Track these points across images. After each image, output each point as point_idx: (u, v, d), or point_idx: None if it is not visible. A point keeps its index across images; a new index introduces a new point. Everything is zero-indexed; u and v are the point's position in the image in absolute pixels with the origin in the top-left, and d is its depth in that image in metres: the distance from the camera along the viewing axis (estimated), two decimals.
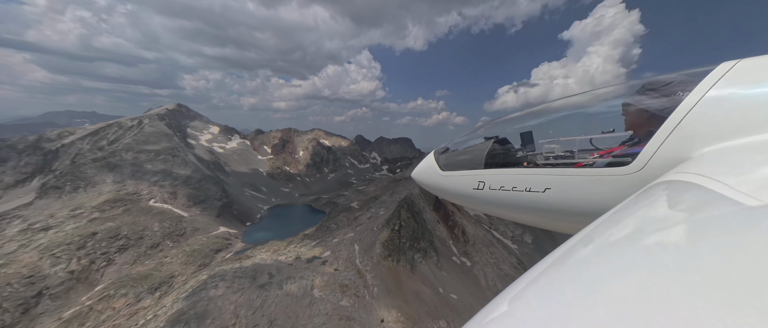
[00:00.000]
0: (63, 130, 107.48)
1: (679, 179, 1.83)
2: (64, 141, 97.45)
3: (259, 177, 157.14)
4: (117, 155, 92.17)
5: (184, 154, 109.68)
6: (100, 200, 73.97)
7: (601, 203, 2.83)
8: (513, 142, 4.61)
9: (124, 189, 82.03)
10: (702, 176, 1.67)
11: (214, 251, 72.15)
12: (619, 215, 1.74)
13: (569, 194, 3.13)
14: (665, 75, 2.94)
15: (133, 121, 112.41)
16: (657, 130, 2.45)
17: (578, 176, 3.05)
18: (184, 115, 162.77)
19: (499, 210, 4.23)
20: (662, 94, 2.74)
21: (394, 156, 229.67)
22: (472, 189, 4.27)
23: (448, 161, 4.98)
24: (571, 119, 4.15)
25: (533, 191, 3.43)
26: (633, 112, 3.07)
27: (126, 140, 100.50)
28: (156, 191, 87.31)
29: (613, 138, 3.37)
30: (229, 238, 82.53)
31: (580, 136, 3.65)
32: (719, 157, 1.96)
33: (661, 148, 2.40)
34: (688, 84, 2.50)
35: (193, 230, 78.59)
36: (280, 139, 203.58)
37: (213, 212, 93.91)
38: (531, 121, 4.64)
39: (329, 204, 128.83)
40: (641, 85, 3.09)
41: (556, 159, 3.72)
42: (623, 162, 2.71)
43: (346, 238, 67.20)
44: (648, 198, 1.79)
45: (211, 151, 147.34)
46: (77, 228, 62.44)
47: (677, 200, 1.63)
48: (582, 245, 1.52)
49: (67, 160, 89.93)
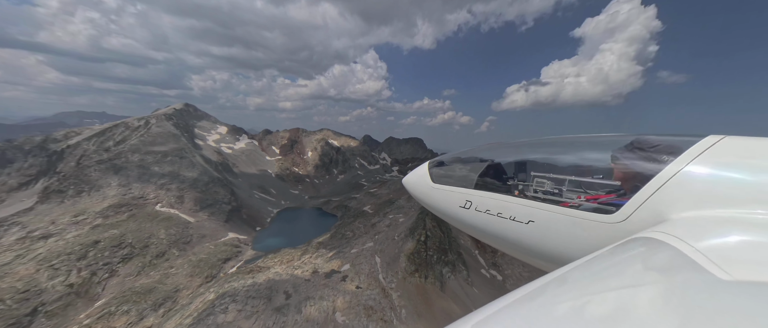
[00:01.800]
0: (70, 131, 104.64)
1: (658, 239, 1.92)
2: (70, 142, 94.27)
3: (267, 179, 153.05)
4: (123, 157, 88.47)
5: (191, 156, 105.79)
6: (105, 204, 69.97)
7: (580, 246, 2.91)
8: (506, 170, 4.64)
9: (129, 193, 78.07)
10: (680, 240, 1.78)
11: (223, 261, 67.43)
12: (597, 263, 1.84)
13: (551, 231, 3.22)
14: (653, 136, 3.14)
15: (139, 121, 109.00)
16: (642, 186, 2.59)
17: (563, 214, 3.11)
18: (191, 114, 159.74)
19: (482, 234, 4.29)
20: (649, 155, 2.88)
21: (405, 157, 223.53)
22: (458, 207, 4.35)
23: (440, 174, 5.05)
24: (564, 158, 4.26)
25: (517, 220, 3.50)
26: (621, 165, 3.18)
27: (132, 141, 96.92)
28: (162, 194, 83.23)
29: (601, 184, 3.48)
30: (239, 245, 77.87)
31: (570, 176, 3.70)
32: (699, 224, 2.07)
33: (644, 205, 2.52)
34: (674, 150, 2.68)
35: (200, 237, 74.10)
36: (288, 140, 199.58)
37: (221, 217, 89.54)
38: (527, 151, 4.93)
39: (340, 207, 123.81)
40: (631, 141, 3.24)
41: (544, 194, 3.74)
42: (607, 210, 2.81)
43: (365, 248, 61.69)
44: (626, 252, 1.92)
45: (219, 151, 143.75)
46: (79, 236, 58.29)
47: (654, 260, 1.74)
48: (556, 284, 1.61)
49: (72, 161, 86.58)
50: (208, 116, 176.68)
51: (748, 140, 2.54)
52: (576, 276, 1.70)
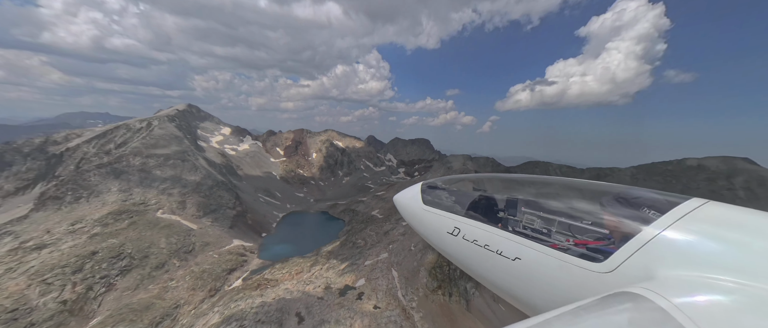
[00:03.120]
0: (70, 132, 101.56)
1: (646, 296, 1.93)
2: (70, 144, 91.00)
3: (272, 181, 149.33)
4: (124, 160, 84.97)
5: (194, 159, 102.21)
6: (104, 211, 66.31)
7: (565, 291, 2.89)
8: (499, 202, 4.60)
9: (130, 198, 74.43)
10: (666, 300, 1.81)
11: (227, 271, 63.45)
12: (584, 314, 1.83)
13: (537, 271, 3.18)
14: (636, 189, 3.32)
15: (141, 122, 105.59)
16: (630, 239, 2.68)
17: (551, 256, 3.10)
18: (194, 116, 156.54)
19: (466, 264, 4.24)
20: (632, 208, 3.03)
21: (411, 158, 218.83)
22: (446, 232, 4.36)
23: (432, 197, 5.04)
24: (556, 199, 4.17)
25: (504, 255, 3.48)
26: (610, 214, 3.26)
27: (134, 144, 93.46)
28: (164, 200, 79.53)
29: (590, 230, 3.46)
30: (244, 253, 73.93)
31: (561, 217, 3.69)
32: (684, 285, 2.12)
33: (632, 258, 2.58)
34: (656, 206, 2.83)
35: (203, 246, 70.22)
36: (292, 141, 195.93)
37: (225, 223, 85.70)
38: (520, 186, 4.94)
39: (347, 212, 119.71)
40: (619, 192, 3.38)
41: (533, 231, 3.73)
42: (595, 258, 2.83)
43: (380, 260, 57.38)
44: (613, 306, 1.92)
45: (222, 153, 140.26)
46: (75, 247, 54.57)
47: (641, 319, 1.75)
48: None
49: (72, 165, 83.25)
50: (211, 117, 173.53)
51: (729, 209, 2.68)
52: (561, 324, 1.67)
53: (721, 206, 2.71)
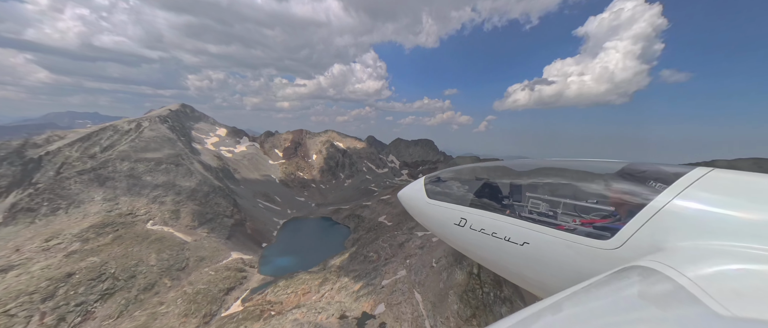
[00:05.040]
0: (52, 134, 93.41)
1: (655, 268, 1.92)
2: (50, 147, 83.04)
3: (272, 185, 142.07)
4: (110, 165, 77.36)
5: (189, 163, 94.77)
6: (84, 224, 58.92)
7: (575, 271, 2.88)
8: (502, 189, 4.59)
9: (116, 209, 67.01)
10: (676, 271, 1.79)
11: (225, 291, 56.53)
12: (594, 291, 1.82)
13: (546, 254, 3.19)
14: (641, 163, 3.23)
15: (130, 124, 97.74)
16: (637, 213, 2.63)
17: (558, 238, 3.09)
18: (188, 116, 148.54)
19: (476, 253, 4.32)
20: (642, 183, 2.93)
21: (414, 159, 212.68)
22: (453, 224, 4.36)
23: (436, 191, 5.05)
24: (559, 181, 4.17)
25: (512, 241, 3.46)
26: (615, 191, 3.21)
27: (122, 147, 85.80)
28: (155, 209, 72.16)
29: (596, 209, 3.41)
30: (244, 267, 66.97)
31: (565, 199, 3.67)
32: (695, 255, 2.07)
33: (639, 232, 2.55)
34: (665, 179, 2.76)
35: (197, 261, 63.16)
36: (291, 142, 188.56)
37: (223, 233, 78.58)
38: (523, 172, 4.80)
39: (352, 217, 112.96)
40: (622, 168, 3.31)
41: (539, 215, 3.71)
42: (603, 235, 2.82)
43: (399, 278, 50.90)
44: (623, 280, 1.91)
45: (218, 156, 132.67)
46: (48, 268, 47.25)
47: (651, 291, 1.72)
48: (551, 312, 1.60)
49: (51, 171, 75.40)
50: (206, 117, 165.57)
51: (734, 174, 2.63)
52: (571, 305, 1.67)
53: (726, 172, 2.64)
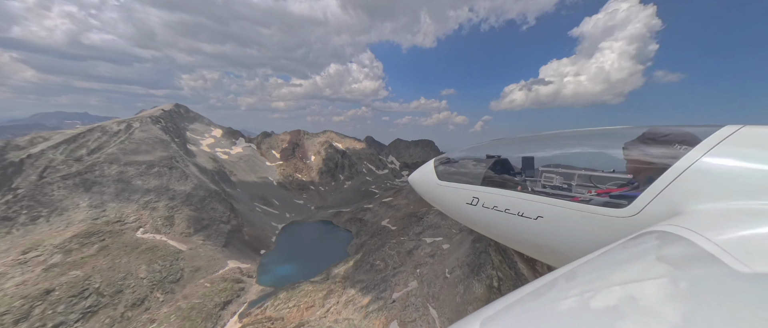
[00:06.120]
0: (36, 135, 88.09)
1: (673, 232, 1.85)
2: (34, 149, 77.87)
3: (269, 188, 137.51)
4: (97, 169, 72.61)
5: (183, 165, 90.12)
6: (67, 234, 54.32)
7: (591, 241, 2.82)
8: (514, 165, 4.53)
9: (103, 216, 62.39)
10: (695, 233, 1.71)
11: (221, 305, 52.39)
12: (608, 257, 1.77)
13: (561, 227, 3.14)
14: (664, 126, 3.05)
15: (120, 124, 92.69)
16: (656, 179, 2.49)
17: (572, 209, 3.02)
18: (182, 116, 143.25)
19: (490, 230, 4.25)
20: (664, 146, 2.80)
21: (415, 160, 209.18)
22: (465, 204, 4.27)
23: (446, 172, 4.99)
24: (573, 151, 4.16)
25: (526, 216, 3.42)
26: (634, 157, 3.08)
27: (110, 149, 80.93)
28: (146, 216, 67.63)
29: (612, 178, 3.35)
30: (241, 278, 62.83)
31: (580, 170, 3.61)
32: (715, 216, 1.98)
33: (658, 197, 2.43)
34: (689, 140, 2.60)
35: (192, 272, 58.89)
36: (289, 143, 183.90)
37: (219, 240, 74.24)
38: (535, 146, 4.71)
39: (354, 221, 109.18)
40: (643, 132, 3.13)
41: (553, 189, 3.66)
42: (619, 204, 2.71)
43: (410, 291, 47.30)
44: (638, 245, 1.83)
45: (214, 158, 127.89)
46: (23, 285, 42.75)
47: (668, 253, 1.66)
48: (565, 279, 1.55)
49: (33, 175, 70.38)
50: (201, 118, 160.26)
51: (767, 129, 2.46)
52: (586, 271, 1.62)
53: (759, 127, 2.45)
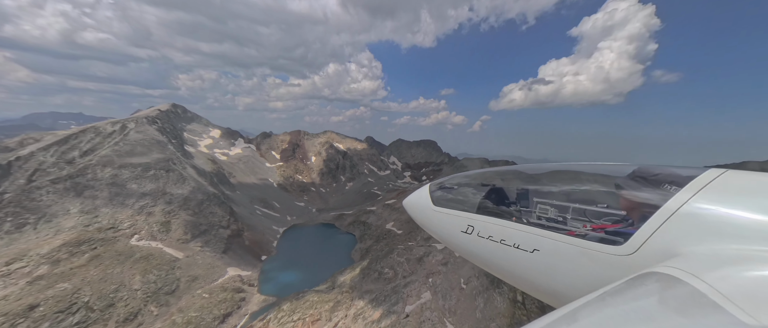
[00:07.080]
0: (26, 137, 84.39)
1: (674, 275, 1.83)
2: (23, 151, 74.19)
3: (269, 190, 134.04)
4: (89, 172, 69.04)
5: (181, 168, 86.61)
6: (56, 243, 50.81)
7: (588, 278, 2.81)
8: (510, 195, 4.52)
9: (95, 223, 58.90)
10: (696, 278, 1.71)
11: (220, 318, 49.09)
12: (610, 300, 1.74)
13: (557, 261, 3.10)
14: (652, 165, 3.16)
15: (114, 125, 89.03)
16: (650, 217, 2.54)
17: (569, 244, 3.01)
18: (180, 116, 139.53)
19: (484, 261, 4.14)
20: (654, 185, 2.85)
21: (417, 161, 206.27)
22: (460, 231, 4.25)
23: (441, 197, 4.94)
24: (568, 186, 4.11)
25: (521, 248, 3.39)
26: (627, 194, 3.12)
27: (103, 151, 77.33)
28: (142, 221, 64.16)
29: (606, 213, 3.41)
30: (242, 287, 59.52)
31: (575, 203, 3.61)
32: (714, 260, 1.99)
33: (653, 236, 2.46)
34: (677, 181, 2.67)
35: (189, 281, 55.50)
36: (289, 144, 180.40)
37: (218, 247, 70.83)
38: (530, 177, 4.68)
39: (357, 224, 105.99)
40: (633, 170, 3.23)
41: (548, 221, 3.66)
42: (616, 241, 2.73)
43: (424, 304, 44.14)
44: (641, 288, 1.80)
45: (213, 159, 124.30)
46: (5, 300, 39.29)
47: (672, 299, 1.62)
48: (565, 323, 1.51)
49: (22, 179, 66.75)
50: (199, 118, 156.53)
51: (750, 175, 2.56)
52: (587, 314, 1.57)
53: (741, 173, 2.58)
